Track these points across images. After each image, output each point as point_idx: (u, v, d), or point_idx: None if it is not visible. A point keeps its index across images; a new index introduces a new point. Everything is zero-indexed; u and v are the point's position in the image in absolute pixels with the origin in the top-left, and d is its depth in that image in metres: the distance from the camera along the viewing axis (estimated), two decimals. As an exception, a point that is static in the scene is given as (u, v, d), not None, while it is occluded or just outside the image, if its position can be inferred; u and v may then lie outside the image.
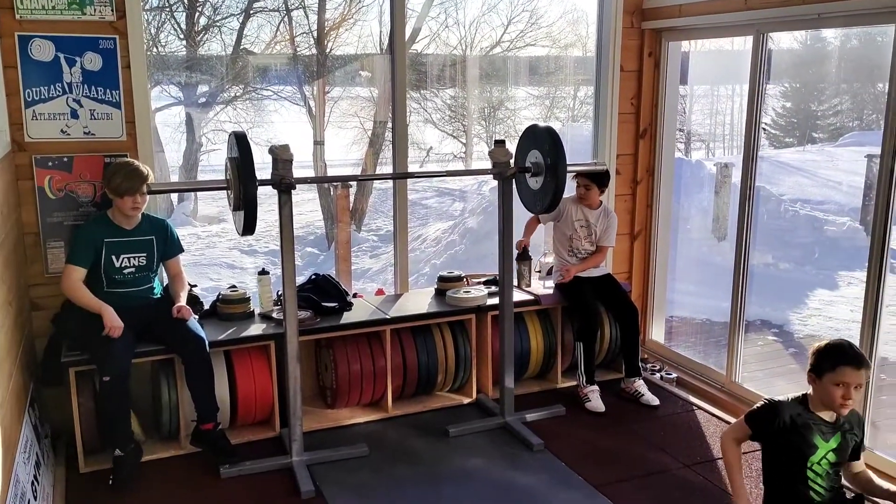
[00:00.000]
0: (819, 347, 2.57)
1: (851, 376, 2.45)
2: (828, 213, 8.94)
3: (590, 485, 3.15)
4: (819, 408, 2.57)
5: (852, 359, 2.48)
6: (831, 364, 2.48)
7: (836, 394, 2.47)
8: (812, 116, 19.73)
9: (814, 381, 2.55)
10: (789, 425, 2.55)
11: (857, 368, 2.46)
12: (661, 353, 4.65)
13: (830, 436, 2.58)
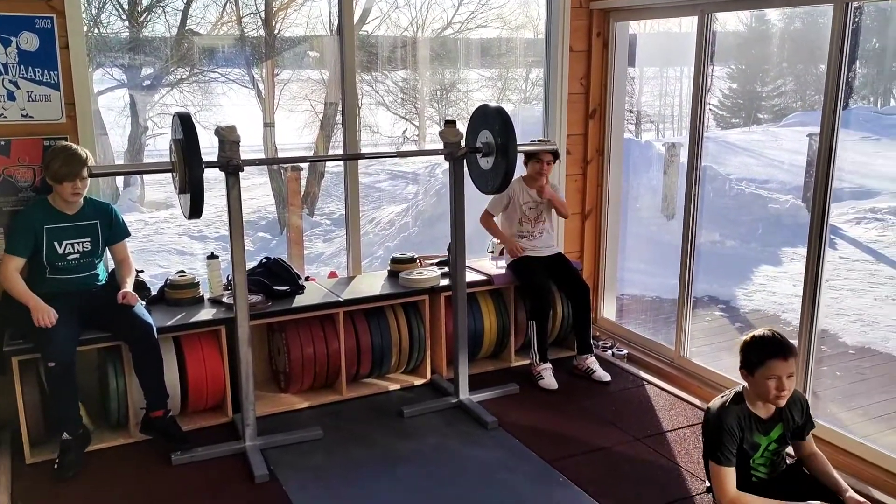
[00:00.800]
0: (746, 343, 2.57)
1: (781, 368, 2.46)
2: (772, 191, 9.17)
3: (543, 460, 3.19)
4: (755, 403, 2.58)
5: (779, 350, 2.48)
6: (760, 359, 2.49)
7: (770, 387, 2.48)
8: (757, 97, 20.17)
9: (747, 378, 2.55)
10: (738, 432, 2.56)
11: (785, 359, 2.47)
12: (613, 331, 4.72)
13: (772, 428, 2.62)
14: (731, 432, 2.53)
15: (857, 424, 3.85)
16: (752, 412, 2.57)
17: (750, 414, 2.57)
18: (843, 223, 8.89)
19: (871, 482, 3.05)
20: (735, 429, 2.53)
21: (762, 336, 2.55)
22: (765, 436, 2.59)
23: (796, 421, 2.63)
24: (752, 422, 2.57)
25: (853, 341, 5.15)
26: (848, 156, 13.14)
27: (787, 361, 2.47)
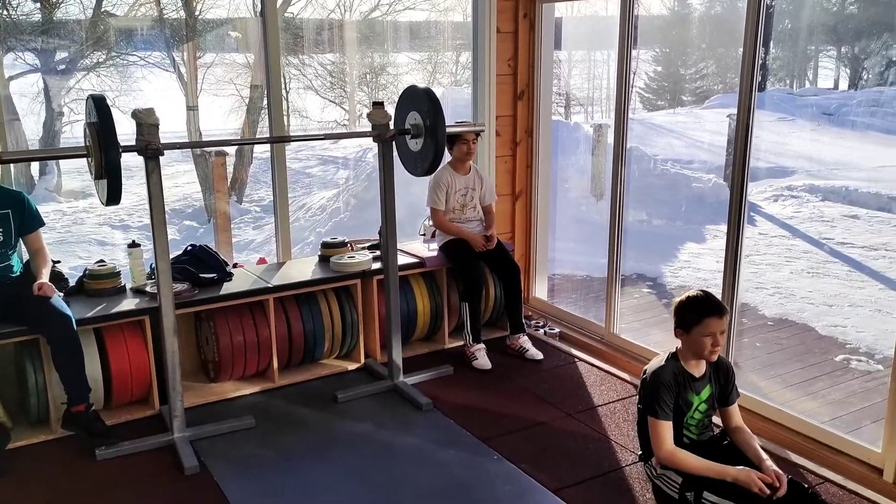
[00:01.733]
0: (681, 303, 2.70)
1: (717, 325, 2.61)
2: (695, 170, 9.44)
3: (477, 439, 3.22)
4: (690, 362, 2.71)
5: (715, 309, 2.63)
6: (697, 317, 2.61)
7: (705, 344, 2.62)
8: (681, 80, 20.68)
9: (683, 336, 2.68)
10: (675, 387, 2.68)
11: (720, 317, 2.61)
12: (545, 310, 4.79)
13: (702, 388, 2.74)
14: (669, 387, 2.66)
15: (776, 392, 4.02)
16: (686, 370, 2.71)
17: (684, 371, 2.70)
18: (761, 201, 9.23)
19: (788, 446, 3.18)
20: (672, 384, 2.66)
21: (697, 296, 2.69)
22: (697, 395, 2.72)
23: (722, 384, 2.77)
24: (686, 379, 2.70)
25: (772, 313, 5.36)
26: (765, 136, 13.65)
27: (722, 319, 2.62)
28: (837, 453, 3.09)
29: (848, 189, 9.29)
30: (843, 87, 22.40)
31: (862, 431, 3.45)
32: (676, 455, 2.64)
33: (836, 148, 12.61)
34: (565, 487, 2.86)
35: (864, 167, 10.44)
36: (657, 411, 2.65)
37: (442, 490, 2.87)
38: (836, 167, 10.89)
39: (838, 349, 4.66)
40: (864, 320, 5.15)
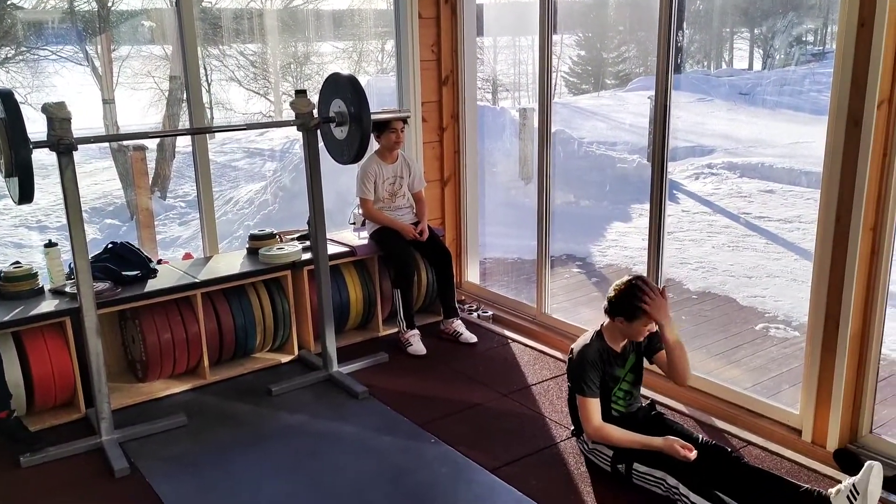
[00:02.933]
0: (624, 292, 2.73)
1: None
2: (620, 152, 9.65)
3: (414, 424, 3.24)
4: (616, 342, 2.82)
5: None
6: (646, 312, 2.67)
7: (644, 332, 2.76)
8: (604, 64, 21.07)
9: (623, 324, 2.74)
10: (600, 365, 2.78)
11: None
12: (478, 294, 4.83)
13: (626, 359, 2.87)
14: (594, 365, 2.76)
15: (701, 362, 4.16)
16: (611, 347, 2.81)
17: (609, 349, 2.81)
18: (683, 179, 9.51)
19: (713, 413, 3.31)
20: (597, 362, 2.77)
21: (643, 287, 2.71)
22: (622, 367, 2.84)
23: (646, 345, 2.89)
24: (611, 356, 2.81)
25: (695, 287, 5.55)
26: (685, 116, 14.05)
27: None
28: (759, 417, 3.22)
29: (764, 165, 9.66)
30: (757, 68, 23.24)
31: (782, 395, 3.62)
32: (604, 430, 2.74)
33: (752, 126, 13.08)
34: (502, 466, 2.90)
35: (777, 144, 10.86)
36: (584, 389, 2.75)
37: (379, 476, 2.88)
38: (753, 145, 11.30)
39: (758, 318, 4.86)
40: (780, 290, 5.38)
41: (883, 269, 2.82)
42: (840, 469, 2.87)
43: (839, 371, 2.90)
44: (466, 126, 4.72)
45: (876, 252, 2.82)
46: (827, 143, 2.83)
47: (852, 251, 2.80)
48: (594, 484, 2.78)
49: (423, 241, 4.11)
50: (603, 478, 2.80)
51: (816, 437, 3.00)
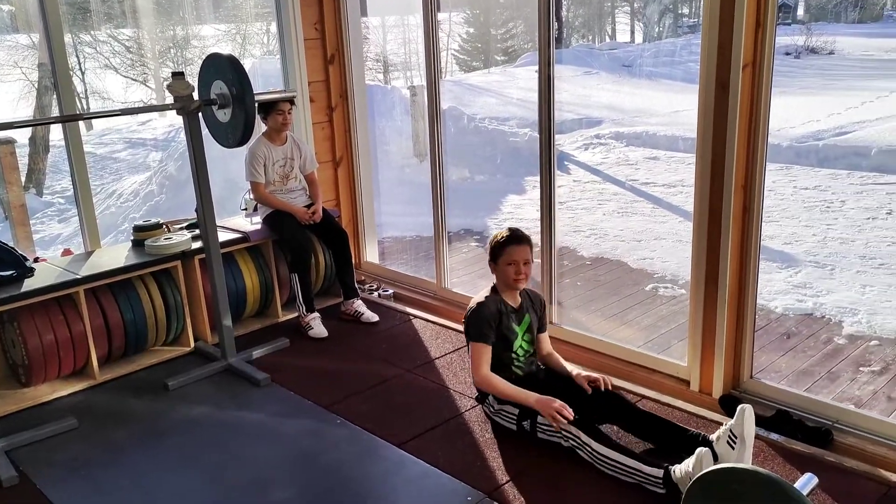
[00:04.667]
0: (491, 240, 3.03)
1: (517, 252, 2.93)
2: (512, 126, 9.81)
3: (320, 407, 3.21)
4: (505, 292, 3.01)
5: (514, 239, 2.95)
6: (501, 248, 2.95)
7: (510, 272, 2.93)
8: (493, 40, 21.30)
9: (494, 268, 3.00)
10: (498, 316, 2.92)
11: (519, 244, 2.94)
12: (377, 273, 4.82)
13: (521, 318, 3.01)
14: (491, 314, 2.92)
15: (597, 324, 4.33)
16: (505, 300, 2.99)
17: (504, 301, 2.99)
18: (573, 150, 9.78)
19: (609, 372, 3.42)
20: (494, 312, 2.93)
21: (503, 230, 3.02)
22: (518, 325, 2.99)
23: (538, 314, 3.08)
24: (507, 309, 2.98)
25: (589, 253, 5.74)
26: (573, 89, 14.41)
27: (521, 246, 2.94)
28: (652, 372, 3.38)
29: (648, 134, 10.06)
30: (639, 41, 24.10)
31: (671, 350, 3.81)
32: (489, 378, 2.90)
33: (636, 97, 13.57)
34: (410, 440, 2.93)
35: (660, 113, 11.32)
36: (478, 336, 2.90)
37: (285, 461, 2.84)
38: (637, 114, 11.74)
39: (648, 279, 5.08)
40: (667, 251, 5.63)
41: (755, 224, 3.00)
42: (726, 414, 3.05)
43: (720, 323, 3.07)
44: (356, 105, 4.67)
45: (748, 209, 2.99)
46: (699, 108, 2.97)
47: (726, 210, 2.96)
48: (500, 447, 2.84)
49: (318, 222, 4.06)
50: (509, 441, 2.87)
51: (703, 386, 3.17)
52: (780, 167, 8.37)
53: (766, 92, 2.86)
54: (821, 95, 12.25)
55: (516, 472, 2.69)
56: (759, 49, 2.83)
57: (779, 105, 11.58)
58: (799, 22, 21.02)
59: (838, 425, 2.85)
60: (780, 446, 2.79)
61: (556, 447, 2.77)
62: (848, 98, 11.46)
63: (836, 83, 13.80)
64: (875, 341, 3.96)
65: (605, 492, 2.55)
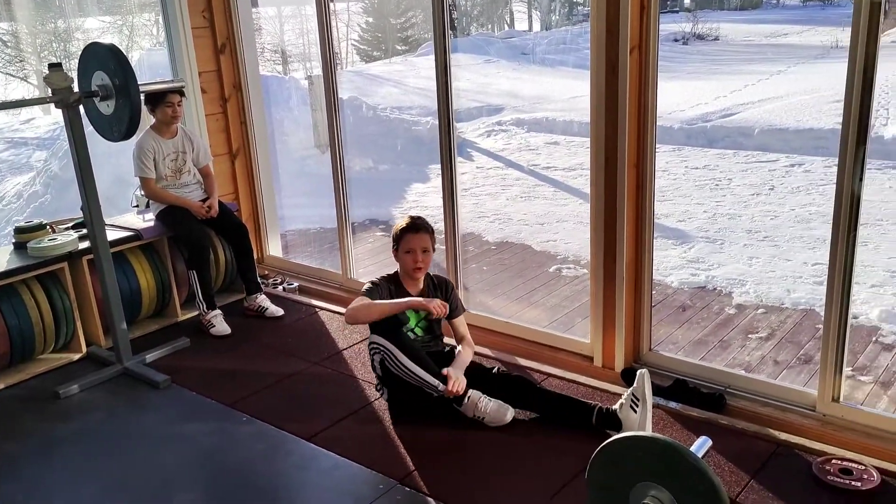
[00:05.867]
0: (393, 229, 3.05)
1: (415, 241, 2.95)
2: (415, 115, 9.80)
3: (224, 405, 3.12)
4: (407, 282, 3.03)
5: (412, 227, 2.98)
6: (399, 236, 2.98)
7: (408, 260, 2.96)
8: (392, 30, 21.22)
9: (396, 256, 3.01)
10: (389, 295, 2.96)
11: (416, 233, 2.96)
12: (281, 266, 4.73)
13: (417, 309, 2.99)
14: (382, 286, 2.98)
15: (503, 307, 4.39)
16: (405, 288, 3.01)
17: (400, 285, 3.01)
18: (476, 137, 9.87)
19: (517, 353, 3.49)
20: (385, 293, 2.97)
21: (403, 219, 3.06)
22: (415, 313, 3.00)
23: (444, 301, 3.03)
24: (404, 294, 2.99)
25: (494, 238, 5.81)
26: (474, 78, 14.54)
27: (419, 235, 2.96)
28: (557, 350, 3.45)
29: (548, 119, 10.26)
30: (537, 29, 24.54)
31: (575, 329, 3.91)
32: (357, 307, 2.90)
33: (535, 84, 13.83)
34: (319, 432, 2.88)
35: (559, 99, 11.57)
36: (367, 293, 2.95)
37: (189, 464, 2.75)
38: (537, 101, 11.96)
39: (551, 261, 5.19)
40: (569, 233, 5.77)
41: (648, 202, 3.10)
42: (627, 386, 3.15)
43: (619, 299, 3.17)
44: (251, 96, 4.54)
45: (640, 187, 3.09)
46: (591, 90, 3.04)
47: (620, 189, 3.05)
48: (411, 434, 2.84)
49: (216, 217, 3.93)
50: (419, 427, 2.87)
51: (606, 361, 3.27)
52: (672, 148, 8.70)
53: (653, 74, 2.96)
54: (708, 79, 12.82)
55: (427, 457, 2.70)
56: (644, 32, 2.91)
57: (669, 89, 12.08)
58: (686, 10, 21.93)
59: (730, 390, 3.00)
60: (678, 413, 2.91)
61: (465, 432, 2.81)
62: (732, 81, 12.04)
63: (722, 67, 14.47)
64: (762, 309, 4.18)
65: (513, 474, 2.60)
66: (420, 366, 2.83)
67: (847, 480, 2.44)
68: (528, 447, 2.74)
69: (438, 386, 2.82)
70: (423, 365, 2.84)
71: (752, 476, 2.52)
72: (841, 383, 2.77)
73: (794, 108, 9.22)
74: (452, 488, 2.52)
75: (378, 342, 2.87)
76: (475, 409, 2.86)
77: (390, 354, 2.84)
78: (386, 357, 2.86)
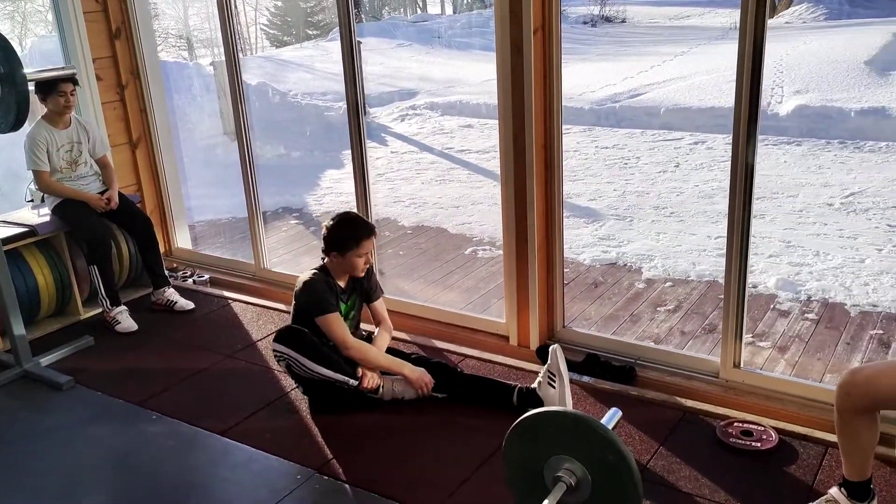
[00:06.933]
0: (334, 228, 2.88)
1: (369, 245, 2.89)
2: (328, 101, 9.65)
3: (132, 404, 3.02)
4: (340, 277, 2.95)
5: (367, 231, 2.89)
6: (355, 240, 2.84)
7: (359, 263, 2.88)
8: (303, 14, 20.81)
9: (336, 258, 2.88)
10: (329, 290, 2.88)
11: (370, 237, 2.89)
12: (191, 259, 4.59)
13: (350, 297, 2.99)
14: (325, 290, 2.86)
15: (420, 291, 4.39)
16: (336, 283, 2.93)
17: (334, 284, 2.93)
18: (390, 122, 9.81)
19: (434, 335, 3.50)
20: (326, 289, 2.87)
21: (351, 219, 2.91)
22: (345, 304, 2.96)
23: (366, 287, 3.05)
24: (336, 289, 2.92)
25: (409, 223, 5.80)
26: (388, 62, 14.43)
27: (372, 238, 2.90)
28: (474, 332, 3.48)
29: (461, 103, 10.29)
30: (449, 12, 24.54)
31: (491, 309, 3.94)
32: (364, 348, 2.89)
33: (449, 67, 13.82)
34: (233, 426, 2.83)
35: (472, 82, 11.60)
36: (326, 308, 2.83)
37: (97, 465, 2.66)
38: (450, 84, 11.96)
39: (467, 243, 5.21)
40: (484, 215, 5.81)
41: (556, 181, 3.15)
42: (542, 363, 3.20)
43: (532, 279, 3.22)
44: (150, 82, 4.37)
45: (549, 167, 3.13)
46: (498, 71, 3.06)
47: (530, 169, 3.09)
48: (328, 422, 2.82)
49: (116, 209, 3.78)
50: (336, 415, 2.86)
51: (521, 339, 3.32)
52: (583, 129, 8.87)
53: (557, 54, 2.99)
54: (616, 61, 13.11)
55: (346, 444, 2.69)
56: (547, 13, 2.94)
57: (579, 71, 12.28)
58: (595, -9, 22.32)
59: (640, 362, 3.09)
60: (591, 387, 2.98)
61: (385, 417, 2.82)
62: (639, 63, 12.34)
63: (629, 49, 14.82)
64: (669, 283, 4.33)
65: (433, 456, 2.62)
66: (329, 367, 2.80)
67: (748, 441, 2.56)
68: (448, 429, 2.76)
69: (350, 382, 2.81)
70: (332, 366, 2.81)
71: (661, 443, 2.61)
72: (741, 350, 2.89)
73: (697, 88, 9.53)
74: (372, 473, 2.52)
75: (281, 350, 2.84)
76: (392, 392, 2.88)
77: (295, 361, 2.82)
78: (291, 363, 2.84)
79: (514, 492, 2.02)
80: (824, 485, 2.30)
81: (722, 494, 2.35)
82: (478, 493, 2.42)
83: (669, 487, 2.40)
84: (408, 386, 2.89)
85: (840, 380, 2.05)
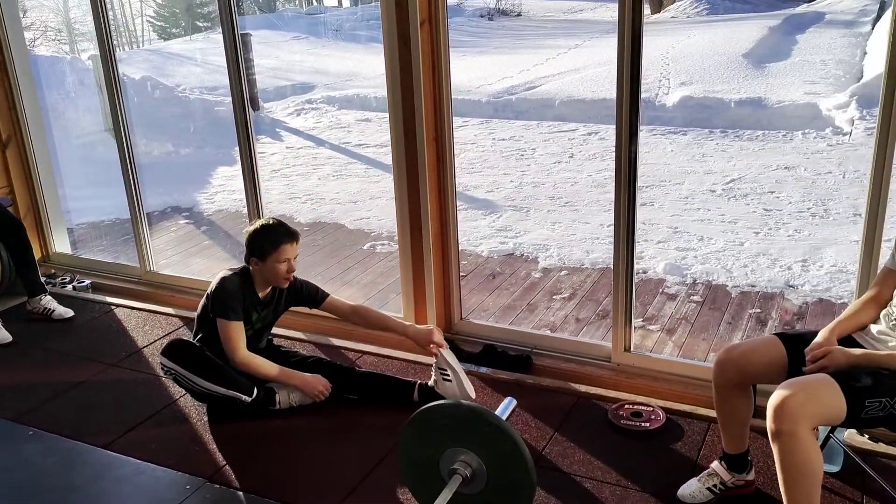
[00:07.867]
0: (256, 232, 2.73)
1: (291, 250, 2.73)
2: (220, 95, 9.34)
3: (6, 420, 2.83)
4: (261, 286, 2.80)
5: (288, 235, 2.73)
6: (273, 245, 2.68)
7: (281, 270, 2.71)
8: (192, 6, 20.10)
9: (258, 265, 2.72)
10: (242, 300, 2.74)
11: (292, 241, 2.73)
12: (70, 263, 4.34)
13: (264, 309, 2.86)
14: (236, 294, 2.71)
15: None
16: (254, 290, 2.79)
17: (253, 292, 2.78)
18: (285, 117, 9.60)
19: (331, 333, 3.44)
20: (239, 295, 2.72)
21: (271, 225, 2.75)
22: (257, 314, 2.83)
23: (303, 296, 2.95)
24: (253, 297, 2.79)
25: (306, 219, 5.68)
26: (283, 55, 14.13)
27: (294, 244, 2.74)
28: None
29: (359, 96, 10.18)
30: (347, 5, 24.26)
31: (389, 304, 3.91)
32: (252, 360, 2.74)
33: (346, 60, 13.67)
34: (117, 438, 2.69)
35: (370, 76, 11.50)
36: (229, 314, 2.70)
37: (-34, 490, 2.46)
38: (348, 78, 11.83)
39: (365, 238, 5.16)
40: (382, 209, 5.77)
41: (449, 174, 3.15)
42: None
43: (428, 272, 3.21)
44: (19, 77, 4.09)
45: (441, 159, 3.13)
46: (386, 64, 3.04)
47: (422, 162, 3.08)
48: (218, 429, 2.73)
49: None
50: (226, 422, 2.76)
51: (419, 333, 3.30)
52: (480, 121, 8.95)
53: (445, 47, 2.99)
54: (512, 54, 13.31)
55: (239, 451, 2.61)
56: (433, 6, 2.93)
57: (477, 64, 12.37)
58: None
59: (537, 350, 3.14)
60: (489, 377, 3.00)
61: (280, 421, 2.75)
62: (535, 55, 12.57)
63: (525, 42, 15.07)
64: (564, 271, 4.42)
65: (330, 457, 2.58)
66: (220, 383, 2.68)
67: (637, 422, 2.64)
68: (347, 429, 2.72)
69: (243, 398, 2.71)
70: (224, 381, 2.69)
71: (556, 429, 2.66)
72: (631, 334, 2.98)
73: (590, 80, 9.78)
74: (265, 479, 2.45)
75: (168, 366, 2.71)
76: (289, 402, 2.80)
77: (183, 377, 2.70)
78: (179, 379, 2.72)
79: (411, 487, 2.02)
80: (708, 459, 2.40)
81: (613, 475, 2.41)
82: (377, 490, 2.39)
83: (563, 473, 2.44)
84: (304, 395, 2.81)
85: (716, 357, 2.13)
